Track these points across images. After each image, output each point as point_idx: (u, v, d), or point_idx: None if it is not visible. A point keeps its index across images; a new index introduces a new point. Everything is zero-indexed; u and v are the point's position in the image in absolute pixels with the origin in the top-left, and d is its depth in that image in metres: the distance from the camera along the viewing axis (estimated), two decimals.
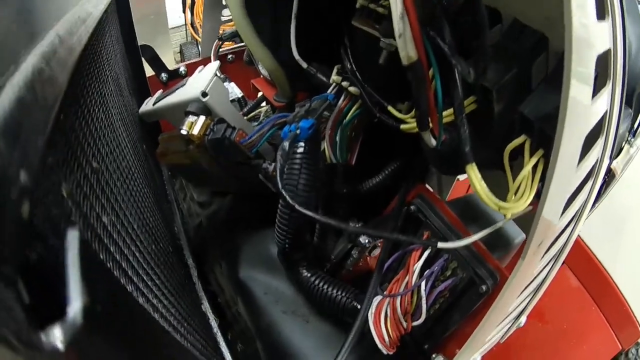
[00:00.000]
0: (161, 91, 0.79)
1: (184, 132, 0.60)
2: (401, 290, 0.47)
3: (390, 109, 0.46)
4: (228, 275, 0.70)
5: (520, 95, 0.35)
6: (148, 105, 0.78)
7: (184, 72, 0.98)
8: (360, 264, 0.58)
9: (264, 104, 0.89)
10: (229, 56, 1.06)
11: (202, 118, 0.61)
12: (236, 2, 0.63)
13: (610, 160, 0.36)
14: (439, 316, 0.48)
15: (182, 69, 0.98)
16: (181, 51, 2.47)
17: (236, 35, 0.95)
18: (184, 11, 2.38)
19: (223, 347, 0.62)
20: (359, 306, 0.51)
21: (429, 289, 0.45)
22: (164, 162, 0.75)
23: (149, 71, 0.93)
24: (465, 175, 0.37)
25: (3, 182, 0.14)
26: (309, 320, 0.60)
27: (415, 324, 0.46)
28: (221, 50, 1.02)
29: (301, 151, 0.51)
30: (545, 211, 0.29)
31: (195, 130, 0.60)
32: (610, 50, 0.30)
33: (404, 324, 0.47)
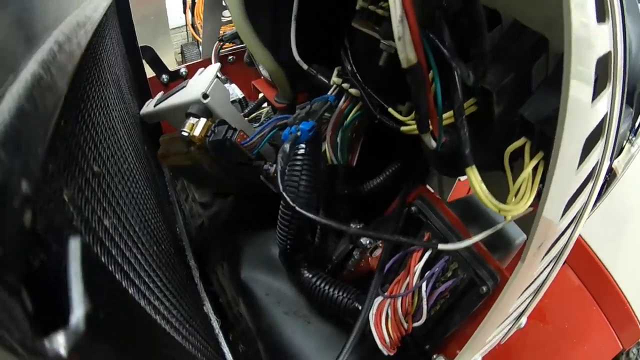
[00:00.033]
0: (162, 93, 0.79)
1: (185, 133, 0.61)
2: (402, 291, 0.47)
3: (390, 110, 0.46)
4: (230, 276, 0.70)
5: (520, 98, 0.35)
6: (149, 106, 0.78)
7: (184, 74, 0.98)
8: (361, 264, 0.58)
9: (264, 105, 0.89)
10: (230, 57, 1.06)
11: (203, 120, 0.61)
12: (236, 3, 0.63)
13: (611, 161, 0.36)
14: (439, 317, 0.48)
15: (182, 70, 0.98)
16: (182, 52, 2.46)
17: (236, 37, 0.95)
18: (184, 12, 2.37)
19: (224, 347, 0.63)
20: (360, 307, 0.51)
21: (429, 290, 0.46)
22: (165, 164, 0.75)
23: (149, 72, 0.94)
24: (466, 176, 0.37)
25: (5, 192, 0.14)
26: (310, 321, 0.60)
27: (416, 324, 0.46)
28: (222, 51, 1.02)
29: (302, 153, 0.51)
30: (545, 214, 0.29)
31: (197, 132, 0.60)
32: (610, 52, 0.30)
33: (404, 324, 0.47)
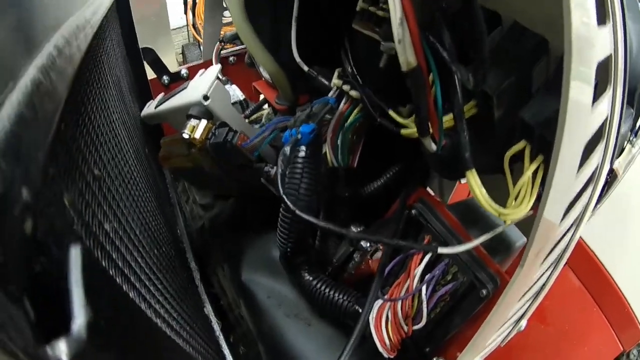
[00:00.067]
0: (163, 94, 0.79)
1: (186, 135, 0.61)
2: (402, 294, 0.47)
3: (391, 112, 0.46)
4: (230, 278, 0.70)
5: (520, 101, 0.35)
6: (150, 108, 0.78)
7: (185, 75, 0.98)
8: (362, 267, 0.58)
9: (265, 107, 0.89)
10: (231, 58, 1.06)
11: (203, 122, 0.61)
12: (236, 3, 0.63)
13: (612, 164, 0.36)
14: (439, 320, 0.48)
15: (183, 71, 0.98)
16: (183, 52, 2.45)
17: (237, 38, 0.95)
18: (185, 12, 2.36)
19: (225, 350, 0.63)
20: (360, 310, 0.51)
21: (429, 293, 0.46)
22: (166, 166, 0.75)
23: (150, 74, 0.94)
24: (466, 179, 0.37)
25: (5, 200, 0.14)
26: (311, 324, 0.60)
27: (416, 327, 0.46)
28: (223, 52, 1.02)
29: (302, 155, 0.51)
30: (544, 217, 0.29)
31: (197, 134, 0.60)
32: (611, 55, 0.30)
33: (404, 327, 0.47)
